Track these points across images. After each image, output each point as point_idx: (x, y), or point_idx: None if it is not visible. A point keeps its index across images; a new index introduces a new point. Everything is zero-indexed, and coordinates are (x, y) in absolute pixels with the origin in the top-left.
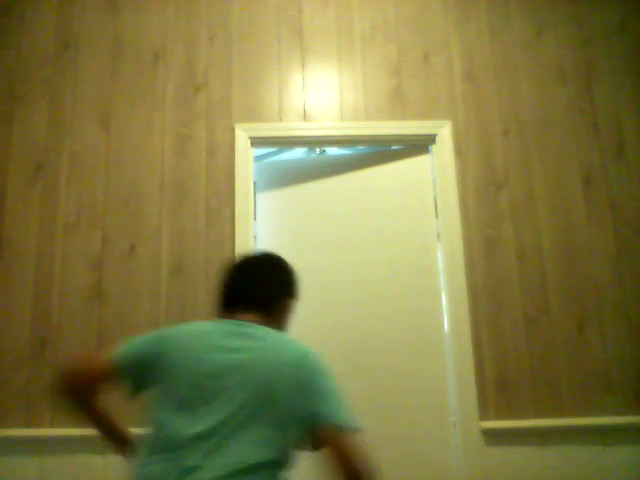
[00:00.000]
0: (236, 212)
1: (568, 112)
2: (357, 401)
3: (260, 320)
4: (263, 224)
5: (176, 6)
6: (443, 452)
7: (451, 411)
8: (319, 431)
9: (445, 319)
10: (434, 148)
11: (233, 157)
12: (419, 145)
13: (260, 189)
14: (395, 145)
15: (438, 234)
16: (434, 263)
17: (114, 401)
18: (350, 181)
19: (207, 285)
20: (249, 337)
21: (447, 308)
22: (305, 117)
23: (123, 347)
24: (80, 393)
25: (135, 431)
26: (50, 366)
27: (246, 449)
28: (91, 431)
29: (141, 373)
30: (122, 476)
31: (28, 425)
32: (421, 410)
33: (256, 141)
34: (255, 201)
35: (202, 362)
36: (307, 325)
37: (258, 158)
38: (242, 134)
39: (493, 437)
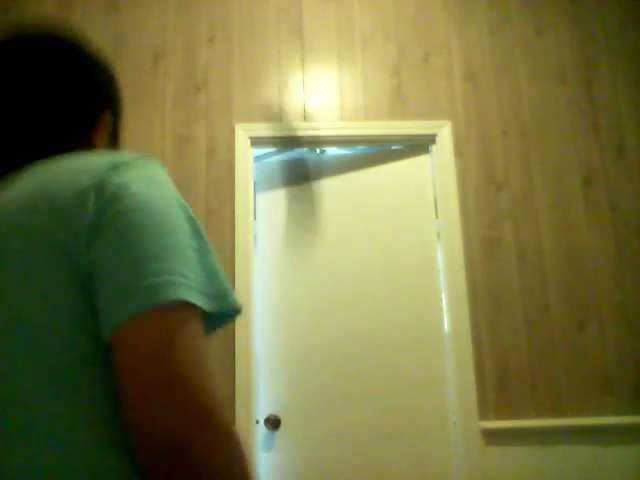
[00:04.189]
0: (236, 212)
1: (568, 112)
2: (357, 401)
3: None
4: (263, 224)
5: (176, 6)
6: (443, 452)
7: (451, 411)
8: None
9: (445, 319)
10: (434, 148)
11: (233, 157)
12: (419, 145)
13: (260, 189)
14: (395, 145)
15: (438, 234)
16: (434, 263)
17: None
18: (350, 181)
19: None
20: None
21: (447, 308)
22: (305, 117)
23: None
24: None
25: None
26: None
27: None
28: None
29: None
30: None
31: None
32: (421, 410)
33: (256, 141)
34: (255, 201)
35: None
36: (306, 325)
37: (258, 158)
38: (242, 134)
39: (493, 437)
